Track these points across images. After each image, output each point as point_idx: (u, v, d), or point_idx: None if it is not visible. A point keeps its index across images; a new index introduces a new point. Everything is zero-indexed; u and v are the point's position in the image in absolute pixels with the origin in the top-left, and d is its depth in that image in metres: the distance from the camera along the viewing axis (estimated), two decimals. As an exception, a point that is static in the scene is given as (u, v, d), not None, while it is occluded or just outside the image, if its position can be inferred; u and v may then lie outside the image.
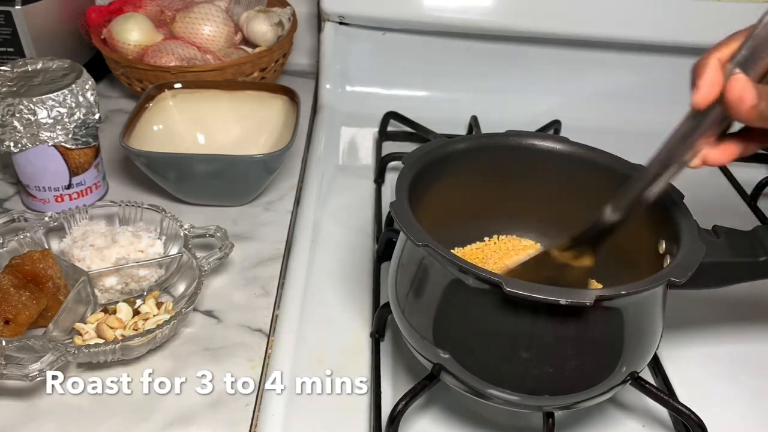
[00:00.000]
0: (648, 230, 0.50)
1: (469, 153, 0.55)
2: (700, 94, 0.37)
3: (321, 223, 0.69)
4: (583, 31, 0.86)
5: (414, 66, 0.90)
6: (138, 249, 0.58)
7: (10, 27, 0.77)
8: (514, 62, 0.90)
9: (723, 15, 0.82)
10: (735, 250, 0.47)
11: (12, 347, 0.49)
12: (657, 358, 0.55)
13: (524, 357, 0.43)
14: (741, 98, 0.36)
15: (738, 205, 0.77)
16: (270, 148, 0.72)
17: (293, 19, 0.89)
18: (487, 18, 0.85)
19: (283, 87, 0.76)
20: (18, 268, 0.53)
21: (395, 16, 0.86)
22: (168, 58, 0.80)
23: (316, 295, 0.60)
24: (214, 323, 0.57)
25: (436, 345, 0.46)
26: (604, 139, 0.57)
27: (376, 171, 0.77)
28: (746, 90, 0.36)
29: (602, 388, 0.45)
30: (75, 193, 0.67)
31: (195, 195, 0.69)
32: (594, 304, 0.39)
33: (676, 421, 0.50)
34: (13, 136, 0.62)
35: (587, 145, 0.55)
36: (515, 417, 0.51)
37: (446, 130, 0.80)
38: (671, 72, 0.86)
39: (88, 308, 0.55)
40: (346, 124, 0.88)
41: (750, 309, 0.61)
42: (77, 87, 0.63)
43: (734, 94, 0.36)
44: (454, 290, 0.44)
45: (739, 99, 0.36)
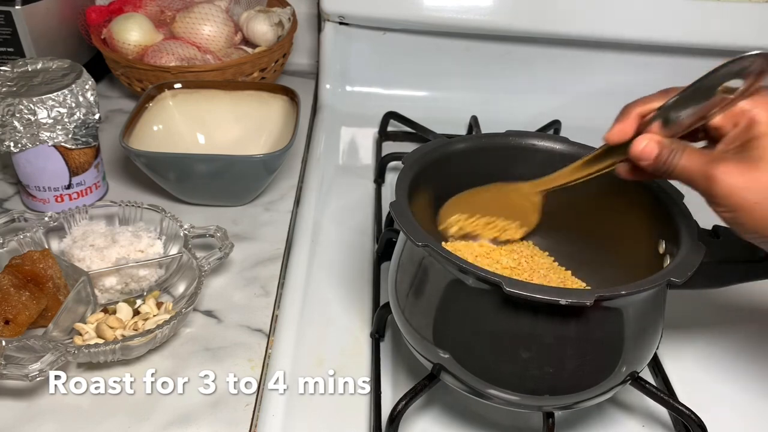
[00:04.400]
0: (648, 230, 0.50)
1: (469, 153, 0.55)
2: (612, 134, 0.46)
3: (321, 223, 0.69)
4: (583, 31, 0.86)
5: (414, 66, 0.91)
6: (138, 249, 0.58)
7: (10, 27, 0.77)
8: (513, 62, 0.90)
9: (723, 15, 0.82)
10: (735, 250, 0.47)
11: (12, 347, 0.49)
12: (657, 358, 0.55)
13: (524, 357, 0.43)
14: (641, 153, 0.44)
15: (738, 205, 0.77)
16: (270, 148, 0.72)
17: (293, 19, 0.89)
18: (487, 18, 0.85)
19: (283, 87, 0.76)
20: (18, 268, 0.53)
21: (395, 16, 0.86)
22: (168, 58, 0.80)
23: (316, 295, 0.60)
24: (214, 323, 0.57)
25: (436, 345, 0.46)
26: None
27: (376, 171, 0.77)
28: (646, 149, 0.43)
29: (602, 388, 0.45)
30: (75, 193, 0.67)
31: (195, 195, 0.69)
32: (594, 304, 0.39)
33: (676, 421, 0.50)
34: (13, 136, 0.62)
35: (587, 145, 0.55)
36: (515, 417, 0.51)
37: (446, 130, 0.80)
38: (671, 72, 0.86)
39: (88, 308, 0.55)
40: (346, 124, 0.88)
41: (750, 309, 0.61)
42: (77, 87, 0.63)
43: (636, 149, 0.44)
44: (454, 290, 0.44)
45: (639, 154, 0.44)
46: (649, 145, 0.43)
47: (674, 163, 0.42)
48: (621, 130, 0.45)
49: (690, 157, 0.42)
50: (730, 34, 0.82)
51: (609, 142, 0.46)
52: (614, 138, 0.46)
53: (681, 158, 0.42)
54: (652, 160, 0.43)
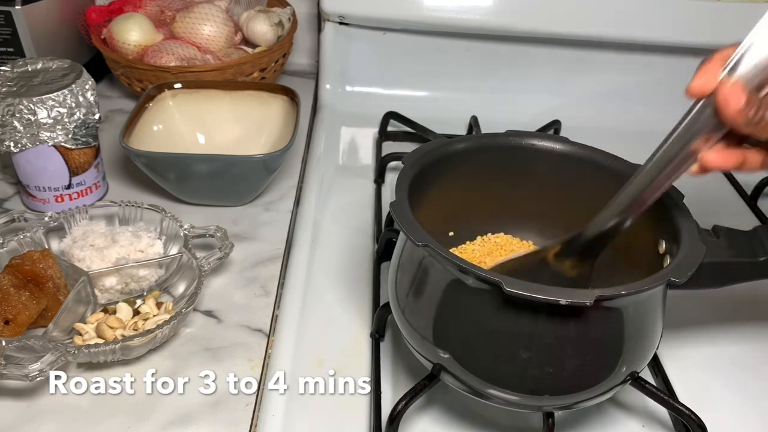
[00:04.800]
0: (648, 230, 0.50)
1: (469, 153, 0.55)
2: (695, 83, 0.39)
3: (321, 223, 0.69)
4: (583, 31, 0.86)
5: (414, 66, 0.91)
6: (138, 249, 0.58)
7: (10, 27, 0.77)
8: (514, 62, 0.90)
9: (723, 15, 0.82)
10: (735, 250, 0.47)
11: (12, 347, 0.49)
12: (657, 358, 0.55)
13: (524, 357, 0.43)
14: (727, 100, 0.37)
15: (738, 205, 0.77)
16: (270, 148, 0.72)
17: (293, 19, 0.89)
18: (487, 18, 0.85)
19: (283, 87, 0.76)
20: (18, 268, 0.53)
21: (395, 16, 0.86)
22: (168, 58, 0.80)
23: (316, 295, 0.60)
24: (214, 323, 0.57)
25: (436, 345, 0.46)
26: (604, 139, 0.57)
27: (376, 171, 0.77)
28: (733, 94, 0.37)
29: (602, 388, 0.45)
30: (75, 193, 0.67)
31: (195, 195, 0.69)
32: (594, 304, 0.39)
33: (676, 421, 0.50)
34: (13, 136, 0.62)
35: (587, 145, 0.55)
36: (515, 417, 0.51)
37: (446, 130, 0.80)
38: (671, 72, 0.87)
39: (88, 308, 0.55)
40: (346, 124, 0.88)
41: (750, 309, 0.61)
42: (77, 87, 0.63)
43: (722, 95, 0.37)
44: (454, 290, 0.44)
45: (725, 100, 0.37)
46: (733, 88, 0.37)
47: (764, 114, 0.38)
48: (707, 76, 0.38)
49: None
50: (730, 34, 0.82)
51: (692, 94, 0.40)
52: (697, 90, 0.39)
53: None
54: (742, 106, 0.37)
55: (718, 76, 0.39)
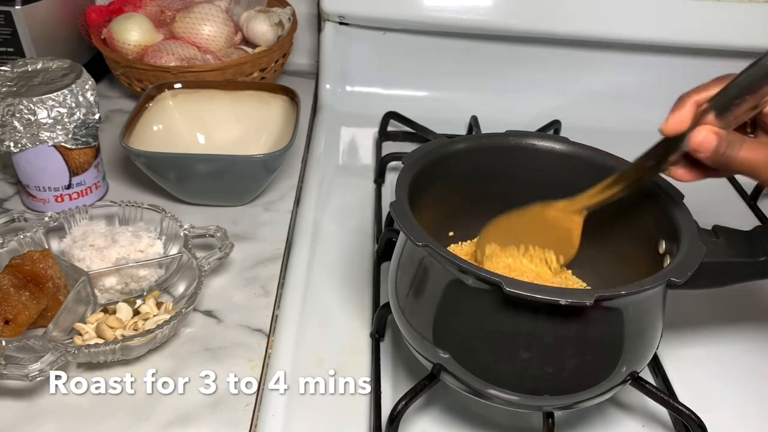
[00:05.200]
0: (648, 230, 0.50)
1: (469, 153, 0.55)
2: (668, 125, 0.44)
3: (321, 223, 0.69)
4: (582, 31, 0.86)
5: (414, 66, 0.91)
6: (138, 249, 0.58)
7: (10, 27, 0.77)
8: (514, 62, 0.90)
9: (723, 15, 0.82)
10: (735, 250, 0.47)
11: (12, 347, 0.49)
12: (657, 358, 0.55)
13: (524, 357, 0.43)
14: (701, 144, 0.42)
15: (738, 205, 0.77)
16: (270, 148, 0.72)
17: (293, 19, 0.89)
18: (487, 18, 0.85)
19: (283, 87, 0.76)
20: (18, 268, 0.53)
21: (395, 16, 0.86)
22: (168, 58, 0.80)
23: (316, 295, 0.60)
24: (214, 323, 0.57)
25: (436, 345, 0.46)
26: (604, 139, 0.57)
27: (376, 171, 0.77)
28: (706, 140, 0.42)
29: (602, 388, 0.45)
30: (75, 193, 0.67)
31: (195, 195, 0.69)
32: (594, 304, 0.39)
33: (676, 421, 0.50)
34: (13, 136, 0.62)
35: (587, 145, 0.55)
36: (515, 417, 0.51)
37: (446, 130, 0.80)
38: (671, 72, 0.87)
39: (88, 308, 0.55)
40: (346, 124, 0.88)
41: (750, 309, 0.61)
42: (77, 87, 0.63)
43: (696, 140, 0.42)
44: (454, 290, 0.44)
45: (698, 145, 0.42)
46: (707, 136, 0.42)
47: (734, 154, 0.41)
48: (678, 121, 0.43)
49: (751, 148, 0.41)
50: (731, 34, 0.82)
51: (666, 133, 0.44)
52: (671, 129, 0.43)
53: (741, 150, 0.41)
54: (711, 152, 0.42)
55: (689, 120, 0.43)
